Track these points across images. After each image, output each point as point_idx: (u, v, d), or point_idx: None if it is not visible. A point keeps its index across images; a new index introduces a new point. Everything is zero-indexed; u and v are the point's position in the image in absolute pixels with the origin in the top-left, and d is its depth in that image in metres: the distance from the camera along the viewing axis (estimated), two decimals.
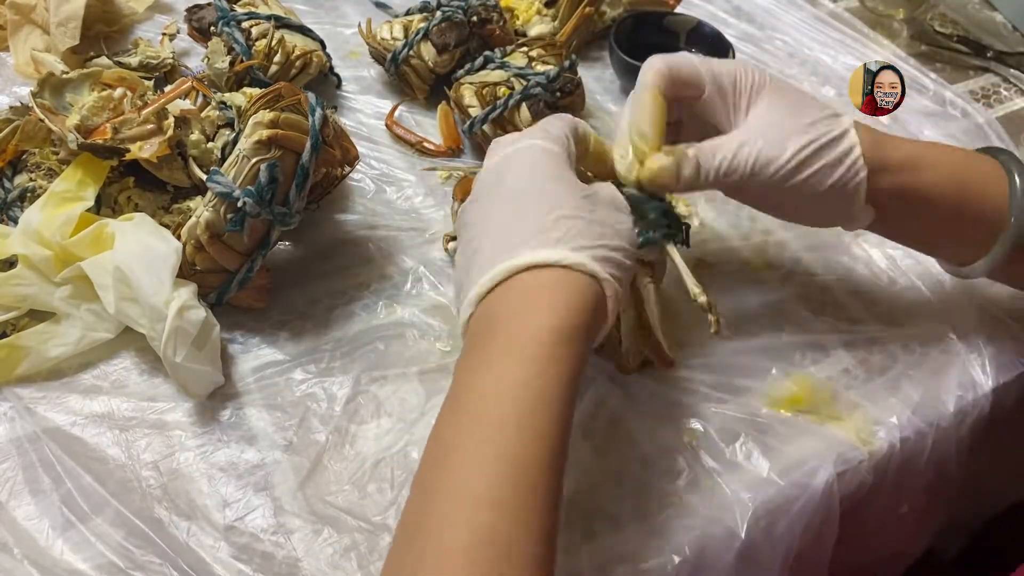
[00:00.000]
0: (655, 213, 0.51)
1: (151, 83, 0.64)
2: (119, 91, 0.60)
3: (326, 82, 0.78)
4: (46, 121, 0.57)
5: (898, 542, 0.63)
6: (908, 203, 0.52)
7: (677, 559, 0.47)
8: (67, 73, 0.62)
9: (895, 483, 0.55)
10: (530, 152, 0.47)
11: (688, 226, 0.54)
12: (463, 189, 0.58)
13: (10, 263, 0.55)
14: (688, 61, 0.53)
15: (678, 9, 0.88)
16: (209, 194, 0.54)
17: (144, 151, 0.57)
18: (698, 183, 0.51)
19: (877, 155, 0.51)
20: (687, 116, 0.57)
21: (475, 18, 0.76)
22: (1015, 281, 0.58)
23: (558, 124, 0.50)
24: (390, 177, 0.70)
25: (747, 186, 0.51)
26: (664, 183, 0.50)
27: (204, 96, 0.65)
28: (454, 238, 0.57)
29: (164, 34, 0.76)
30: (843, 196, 0.51)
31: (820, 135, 0.50)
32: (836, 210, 0.52)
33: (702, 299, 0.50)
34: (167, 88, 0.63)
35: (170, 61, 0.73)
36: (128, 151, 0.56)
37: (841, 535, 0.53)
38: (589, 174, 0.54)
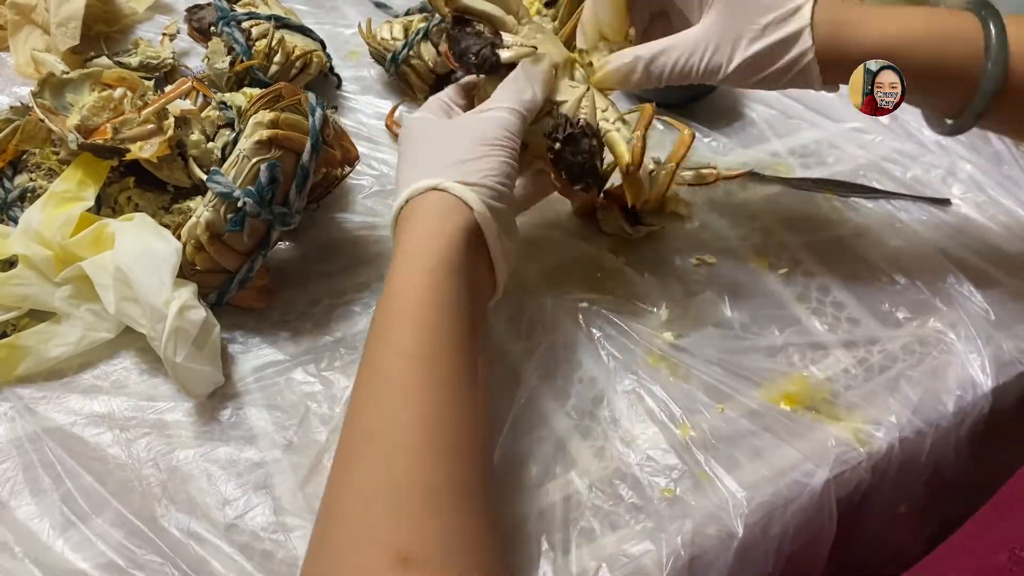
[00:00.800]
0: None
1: (151, 83, 0.64)
2: (119, 91, 0.60)
3: (326, 82, 0.78)
4: (46, 121, 0.57)
5: (896, 542, 0.63)
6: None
7: (674, 558, 0.47)
8: (67, 73, 0.62)
9: (894, 483, 0.55)
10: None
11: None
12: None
13: (10, 263, 0.55)
14: None
15: None
16: (209, 194, 0.54)
17: (144, 151, 0.57)
18: (648, 85, 0.55)
19: (842, 44, 0.52)
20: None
21: None
22: (1006, 128, 0.59)
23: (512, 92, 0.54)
24: (390, 177, 0.70)
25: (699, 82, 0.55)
26: (614, 86, 0.56)
27: (204, 96, 0.66)
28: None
29: (164, 34, 0.76)
30: (797, 84, 0.54)
31: (772, 42, 0.52)
32: (794, 87, 0.55)
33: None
34: (167, 88, 0.63)
35: (170, 61, 0.73)
36: (128, 151, 0.56)
37: (839, 535, 0.53)
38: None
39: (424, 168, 0.50)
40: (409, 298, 0.45)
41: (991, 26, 0.51)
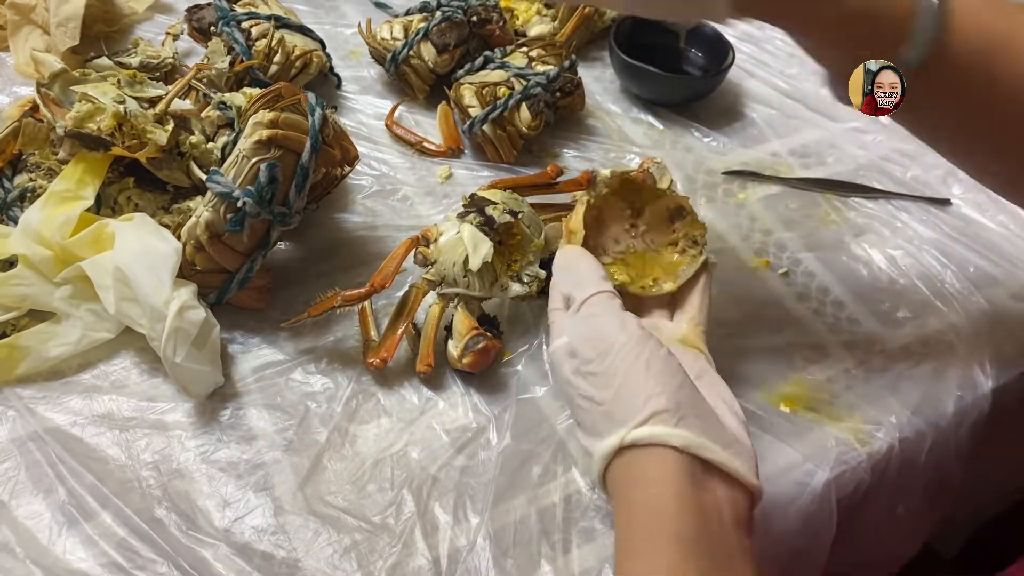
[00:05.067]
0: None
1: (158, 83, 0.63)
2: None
3: (326, 82, 0.78)
4: (41, 108, 0.57)
5: (895, 542, 0.63)
6: None
7: None
8: (87, 74, 0.61)
9: (894, 483, 0.55)
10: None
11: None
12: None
13: (10, 263, 0.55)
14: None
15: None
16: (209, 194, 0.54)
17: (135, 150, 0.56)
18: None
19: None
20: None
21: (475, 18, 0.76)
22: (924, 118, 0.50)
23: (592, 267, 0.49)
24: (390, 177, 0.70)
25: None
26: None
27: (204, 96, 0.65)
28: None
29: (168, 34, 0.76)
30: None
31: None
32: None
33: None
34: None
35: (170, 61, 0.73)
36: (114, 144, 0.56)
37: (838, 535, 0.53)
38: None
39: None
40: None
41: None
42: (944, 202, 0.73)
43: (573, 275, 0.49)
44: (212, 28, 0.74)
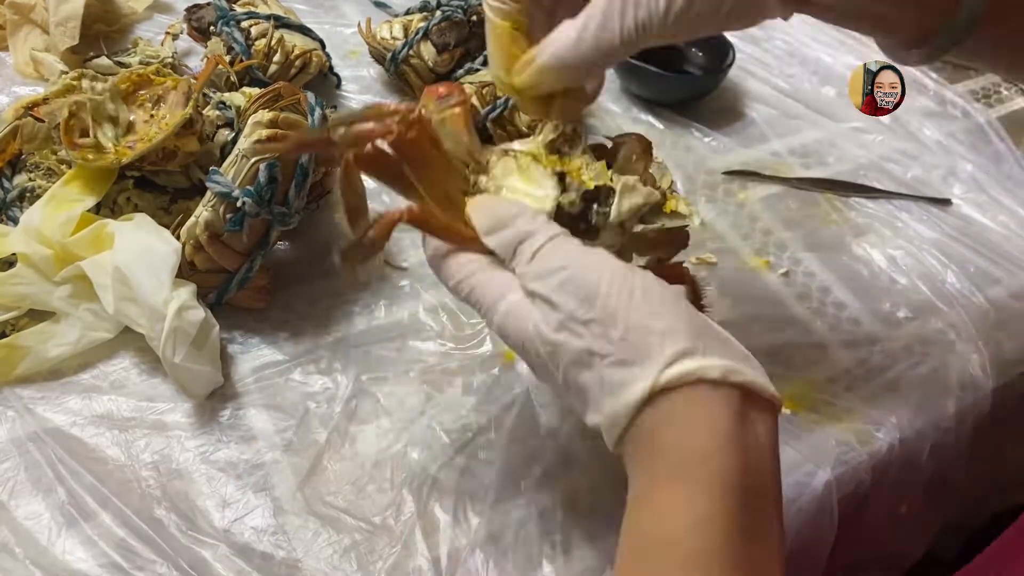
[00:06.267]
0: None
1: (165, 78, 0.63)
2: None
3: (326, 82, 0.78)
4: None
5: (896, 542, 0.63)
6: None
7: None
8: (100, 94, 0.59)
9: (895, 484, 0.55)
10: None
11: None
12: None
13: (9, 263, 0.55)
14: None
15: None
16: (208, 194, 0.54)
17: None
18: (594, 62, 0.42)
19: None
20: None
21: (475, 17, 0.76)
22: (985, 57, 0.46)
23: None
24: None
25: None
26: (549, 86, 0.44)
27: (205, 95, 0.65)
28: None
29: (167, 33, 0.76)
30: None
31: None
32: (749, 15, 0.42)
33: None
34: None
35: (170, 60, 0.73)
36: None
37: (839, 535, 0.53)
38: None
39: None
40: None
41: None
42: (945, 202, 0.73)
43: (510, 225, 0.41)
44: (211, 28, 0.73)
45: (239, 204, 0.52)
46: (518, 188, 0.43)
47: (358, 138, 0.41)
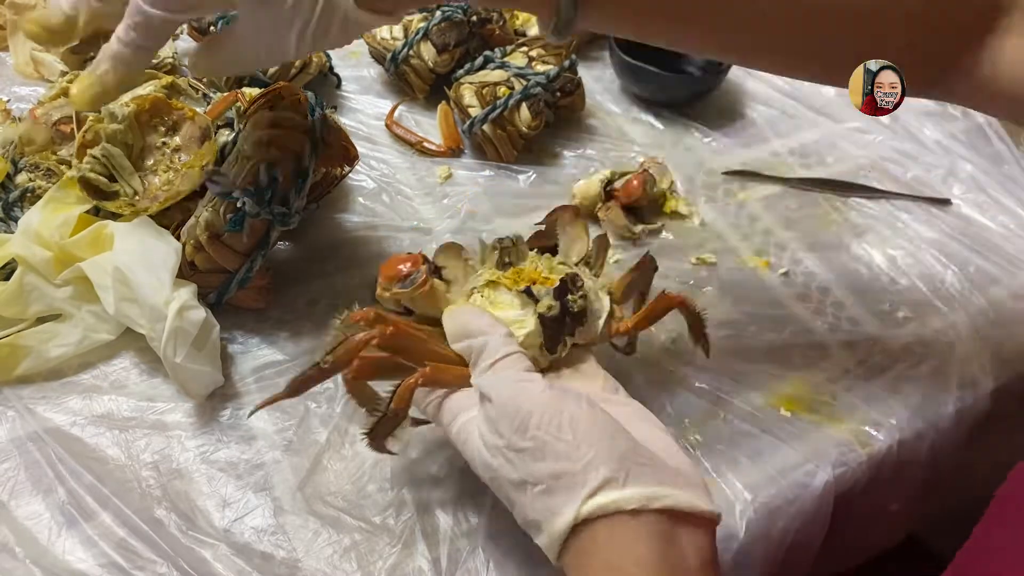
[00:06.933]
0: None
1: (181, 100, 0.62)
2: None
3: (326, 82, 0.78)
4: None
5: (880, 535, 0.63)
6: None
7: None
8: (118, 124, 0.57)
9: (891, 483, 0.55)
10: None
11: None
12: (388, 271, 0.49)
13: (11, 271, 0.55)
14: None
15: None
16: (209, 194, 0.54)
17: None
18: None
19: None
20: None
21: (475, 17, 0.76)
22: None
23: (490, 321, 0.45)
24: (390, 177, 0.70)
25: None
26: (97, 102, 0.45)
27: (204, 96, 0.65)
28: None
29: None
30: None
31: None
32: None
33: None
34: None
35: (170, 61, 0.73)
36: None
37: (829, 528, 0.53)
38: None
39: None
40: None
41: None
42: (944, 202, 0.73)
43: (474, 335, 0.44)
44: (212, 28, 0.74)
45: (239, 204, 0.52)
46: (498, 318, 0.46)
47: (348, 356, 0.43)
